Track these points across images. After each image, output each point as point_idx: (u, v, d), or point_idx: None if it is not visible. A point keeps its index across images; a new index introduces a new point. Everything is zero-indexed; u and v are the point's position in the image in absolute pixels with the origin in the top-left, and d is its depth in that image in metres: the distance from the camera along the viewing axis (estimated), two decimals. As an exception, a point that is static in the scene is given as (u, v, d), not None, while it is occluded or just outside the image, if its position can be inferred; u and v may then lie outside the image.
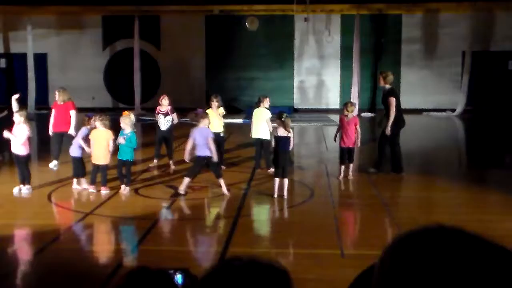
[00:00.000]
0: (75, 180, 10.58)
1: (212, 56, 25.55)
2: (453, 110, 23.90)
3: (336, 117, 15.04)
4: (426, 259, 0.92)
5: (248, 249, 7.51)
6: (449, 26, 24.49)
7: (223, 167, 12.12)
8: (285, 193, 9.76)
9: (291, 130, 9.96)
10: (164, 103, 12.56)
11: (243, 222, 8.61)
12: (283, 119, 9.83)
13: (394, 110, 11.55)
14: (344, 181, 11.34)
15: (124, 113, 10.57)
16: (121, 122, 10.32)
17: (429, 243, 0.94)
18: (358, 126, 11.32)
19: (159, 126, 12.45)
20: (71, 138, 12.25)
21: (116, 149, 10.32)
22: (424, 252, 0.93)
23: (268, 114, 11.97)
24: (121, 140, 10.13)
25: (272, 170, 11.49)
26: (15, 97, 12.68)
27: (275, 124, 10.39)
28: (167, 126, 12.46)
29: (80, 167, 10.56)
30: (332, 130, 12.03)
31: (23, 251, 7.60)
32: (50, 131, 12.58)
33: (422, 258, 0.92)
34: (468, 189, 10.63)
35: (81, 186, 10.49)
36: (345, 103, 11.80)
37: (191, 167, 10.28)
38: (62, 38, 25.58)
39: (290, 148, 10.01)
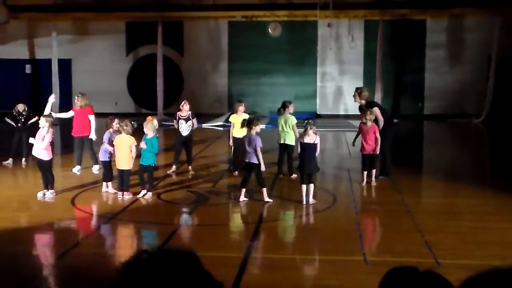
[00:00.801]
0: (104, 184, 10.67)
1: (234, 62, 25.59)
2: (478, 116, 23.62)
3: (358, 123, 14.93)
4: None
5: (270, 255, 7.48)
6: (475, 31, 24.26)
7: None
8: (311, 199, 9.72)
9: (318, 136, 9.91)
10: (185, 108, 12.58)
11: (266, 228, 8.57)
12: (309, 126, 9.79)
13: (382, 118, 11.83)
14: (367, 187, 11.25)
15: (147, 118, 10.62)
16: (144, 127, 10.37)
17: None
18: (377, 134, 11.29)
19: (180, 132, 12.46)
20: (91, 142, 12.41)
21: (139, 154, 10.36)
22: None
23: (294, 120, 12.04)
24: (142, 145, 10.17)
25: (294, 176, 11.54)
26: (51, 98, 12.48)
27: (301, 130, 10.38)
28: (189, 131, 12.49)
29: (108, 171, 10.65)
30: (353, 136, 11.96)
31: (46, 254, 7.64)
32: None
33: None
34: (493, 196, 10.46)
35: (109, 190, 10.57)
36: (364, 111, 11.74)
37: (243, 175, 10.22)
38: (86, 44, 25.83)
39: (316, 154, 9.95)
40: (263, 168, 9.87)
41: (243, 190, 9.93)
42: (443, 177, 12.67)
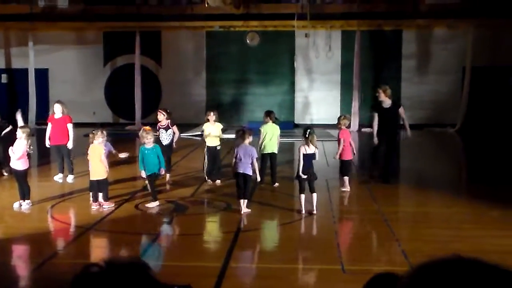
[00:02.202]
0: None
1: (213, 72, 25.63)
2: (453, 126, 23.92)
3: (335, 132, 15.05)
4: None
5: (248, 264, 7.49)
6: (449, 42, 24.59)
7: (218, 181, 12.20)
8: (315, 209, 9.72)
9: (317, 146, 9.93)
10: (160, 118, 12.63)
11: (244, 237, 8.58)
12: (308, 136, 9.79)
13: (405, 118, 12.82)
14: (345, 196, 11.35)
15: (145, 128, 10.62)
16: (142, 138, 10.35)
17: (447, 277, 0.93)
18: (350, 139, 11.89)
19: (160, 141, 12.45)
20: (68, 151, 12.38)
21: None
22: (443, 285, 0.92)
23: (278, 130, 12.40)
24: (123, 154, 10.14)
25: (277, 185, 11.91)
26: (18, 114, 12.82)
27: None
28: (169, 140, 12.50)
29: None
30: (332, 145, 12.05)
31: (22, 265, 7.57)
32: (47, 144, 12.66)
33: None
34: (469, 204, 10.59)
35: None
36: (338, 118, 12.29)
37: (237, 187, 10.07)
38: (64, 54, 25.68)
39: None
40: (259, 178, 9.99)
41: (245, 201, 9.84)
42: (420, 185, 12.80)
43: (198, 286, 6.15)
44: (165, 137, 12.50)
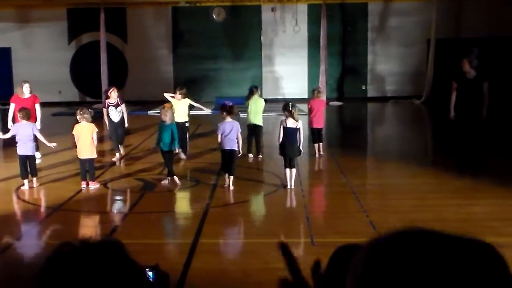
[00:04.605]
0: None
1: (179, 48, 25.43)
2: (419, 97, 24.18)
3: (304, 107, 15.12)
4: (397, 264, 0.93)
5: (218, 239, 7.54)
6: (414, 14, 24.74)
7: (183, 156, 12.27)
8: (293, 184, 9.77)
9: (300, 120, 9.94)
10: (113, 96, 12.67)
11: (214, 212, 8.62)
12: (291, 110, 9.77)
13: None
14: (313, 169, 11.49)
15: (165, 105, 10.87)
16: (162, 114, 10.53)
17: (400, 248, 0.95)
18: (322, 109, 12.87)
19: (111, 119, 12.55)
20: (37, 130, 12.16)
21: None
22: (395, 257, 0.94)
23: (264, 102, 12.93)
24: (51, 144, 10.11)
25: (260, 157, 12.40)
26: None
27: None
28: (119, 117, 12.55)
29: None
30: (302, 119, 12.05)
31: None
32: (10, 125, 12.32)
33: (394, 263, 0.93)
34: (434, 175, 10.79)
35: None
36: (313, 90, 13.22)
37: (223, 162, 10.07)
38: (26, 32, 25.19)
39: (302, 140, 9.92)
40: (240, 152, 10.04)
41: (231, 177, 9.83)
42: (387, 158, 12.95)
43: (169, 263, 6.18)
44: (115, 114, 12.54)
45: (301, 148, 10.03)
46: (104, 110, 12.80)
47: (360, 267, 0.96)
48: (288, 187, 9.73)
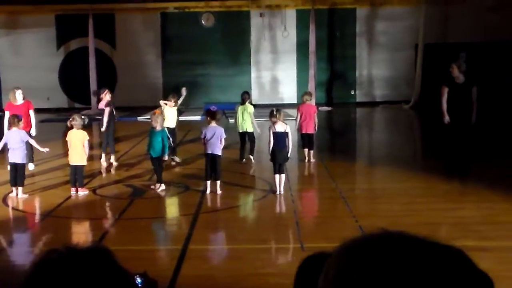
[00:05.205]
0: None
1: (168, 54, 25.43)
2: (408, 102, 24.30)
3: (293, 112, 15.17)
4: (369, 268, 0.94)
5: (208, 245, 7.54)
6: (402, 19, 24.88)
7: (177, 159, 12.45)
8: (282, 189, 9.77)
9: (287, 125, 9.99)
10: (107, 98, 12.80)
11: (203, 218, 8.62)
12: (276, 114, 9.85)
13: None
14: (303, 174, 11.51)
15: (156, 111, 10.78)
16: (152, 120, 10.44)
17: (372, 252, 0.97)
18: (314, 114, 12.62)
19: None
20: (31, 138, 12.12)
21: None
22: (367, 261, 0.95)
23: (253, 109, 12.98)
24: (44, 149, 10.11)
25: (251, 157, 12.46)
26: None
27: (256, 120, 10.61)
28: (105, 122, 12.75)
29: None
30: (291, 124, 12.10)
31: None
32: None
33: (366, 267, 0.95)
34: (423, 179, 10.84)
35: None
36: (302, 94, 13.25)
37: (206, 167, 10.04)
38: (14, 38, 25.11)
39: (291, 147, 9.99)
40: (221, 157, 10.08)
41: (217, 182, 9.85)
42: (376, 162, 13.02)
43: (158, 269, 6.18)
44: (104, 119, 12.78)
45: (289, 154, 10.10)
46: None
47: (332, 273, 0.98)
48: (278, 192, 9.75)
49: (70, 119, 10.25)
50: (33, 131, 12.13)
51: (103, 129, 12.89)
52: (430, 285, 0.91)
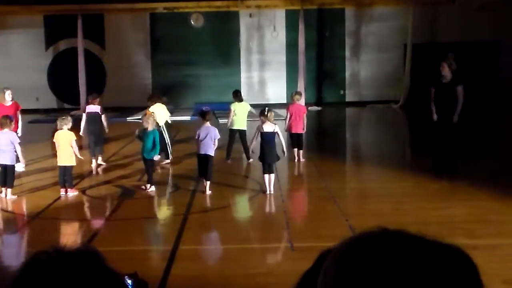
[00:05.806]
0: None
1: (157, 54, 25.38)
2: (397, 102, 24.39)
3: (283, 112, 15.19)
4: (370, 266, 0.95)
5: (198, 246, 7.54)
6: (391, 19, 24.97)
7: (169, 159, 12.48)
8: (272, 189, 9.78)
9: (276, 125, 10.00)
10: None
11: (193, 218, 8.61)
12: (267, 114, 9.87)
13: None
14: (292, 174, 11.53)
15: (147, 112, 10.73)
16: (144, 121, 10.41)
17: (372, 250, 0.97)
18: (303, 114, 12.64)
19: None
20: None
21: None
22: (367, 259, 0.96)
23: (248, 107, 13.03)
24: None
25: (251, 160, 12.19)
26: None
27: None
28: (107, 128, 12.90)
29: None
30: (279, 125, 12.11)
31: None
32: None
33: (366, 265, 0.95)
34: (411, 178, 10.90)
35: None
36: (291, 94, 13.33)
37: (199, 167, 10.11)
38: (3, 38, 24.96)
39: (284, 145, 10.07)
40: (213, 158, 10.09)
41: (207, 183, 9.87)
42: (366, 162, 13.06)
43: (149, 270, 6.17)
44: None
45: (285, 152, 10.13)
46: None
47: (332, 271, 0.99)
48: (267, 192, 9.76)
49: (60, 119, 10.22)
50: (19, 132, 12.09)
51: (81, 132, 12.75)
52: (431, 283, 0.91)
